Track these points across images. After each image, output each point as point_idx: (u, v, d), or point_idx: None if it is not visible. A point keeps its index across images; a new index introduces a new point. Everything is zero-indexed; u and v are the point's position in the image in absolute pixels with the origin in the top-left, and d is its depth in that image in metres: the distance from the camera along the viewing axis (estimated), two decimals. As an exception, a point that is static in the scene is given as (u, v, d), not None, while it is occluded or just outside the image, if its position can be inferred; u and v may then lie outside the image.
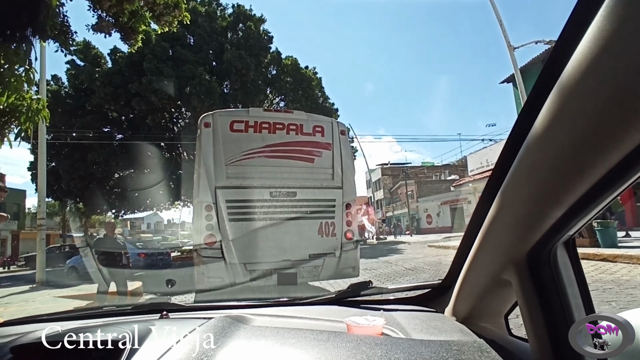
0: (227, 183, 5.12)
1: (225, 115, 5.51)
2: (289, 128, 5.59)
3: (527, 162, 0.59)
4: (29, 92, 4.37)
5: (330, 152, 5.73)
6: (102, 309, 1.45)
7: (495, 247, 0.82)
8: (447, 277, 1.19)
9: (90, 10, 4.93)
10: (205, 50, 18.74)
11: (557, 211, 0.60)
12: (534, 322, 0.74)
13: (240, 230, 5.00)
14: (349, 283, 4.83)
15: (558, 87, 0.48)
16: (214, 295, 4.95)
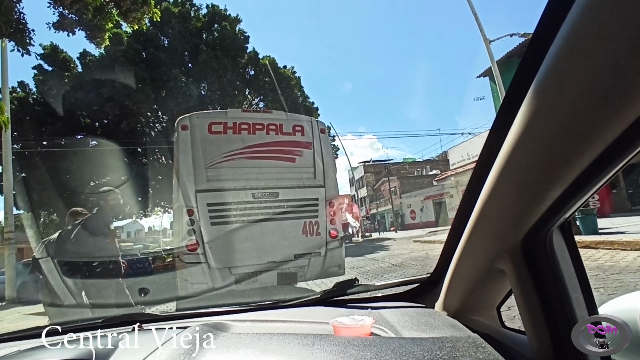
0: (208, 186, 5.04)
1: (202, 117, 5.42)
2: (268, 128, 5.56)
3: (521, 140, 0.54)
4: (-16, 96, 4.10)
5: (311, 151, 5.73)
6: (68, 324, 1.31)
7: (487, 236, 0.77)
8: (436, 270, 1.13)
9: (51, 8, 4.66)
10: (180, 51, 18.36)
11: (555, 191, 0.56)
12: (531, 312, 0.70)
13: (223, 234, 4.94)
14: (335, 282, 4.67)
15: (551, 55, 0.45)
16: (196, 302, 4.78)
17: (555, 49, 0.44)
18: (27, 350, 0.81)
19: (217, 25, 19.50)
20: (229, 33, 19.21)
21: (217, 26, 19.50)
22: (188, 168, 5.04)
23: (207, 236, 4.86)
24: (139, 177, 18.47)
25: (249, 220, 5.14)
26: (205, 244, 4.84)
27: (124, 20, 5.51)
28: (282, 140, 5.61)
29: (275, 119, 5.74)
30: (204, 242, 4.84)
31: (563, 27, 0.42)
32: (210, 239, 4.87)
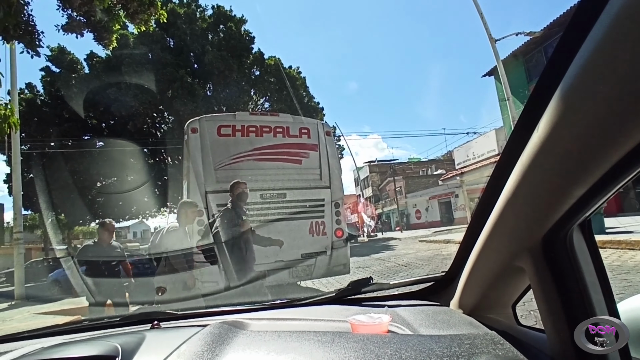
0: (217, 187, 5.17)
1: (212, 120, 5.60)
2: (275, 131, 5.74)
3: (548, 139, 0.54)
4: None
5: (317, 153, 5.91)
6: (88, 323, 1.35)
7: (508, 234, 0.77)
8: (451, 268, 1.13)
9: (60, 10, 4.70)
10: (186, 52, 18.43)
11: (580, 190, 0.56)
12: (551, 310, 0.70)
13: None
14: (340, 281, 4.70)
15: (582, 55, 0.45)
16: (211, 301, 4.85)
17: (587, 49, 0.44)
18: (52, 347, 0.81)
19: (223, 26, 19.56)
20: (235, 33, 19.26)
21: (222, 27, 19.56)
22: (198, 170, 5.18)
23: (217, 236, 4.86)
24: (146, 177, 18.59)
25: (258, 221, 5.25)
26: (216, 243, 4.94)
27: (131, 21, 5.56)
28: (288, 142, 5.78)
29: (282, 121, 5.92)
30: (214, 241, 4.94)
31: (595, 28, 0.42)
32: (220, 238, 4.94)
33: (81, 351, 0.74)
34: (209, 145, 5.31)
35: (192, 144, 5.29)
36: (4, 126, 4.21)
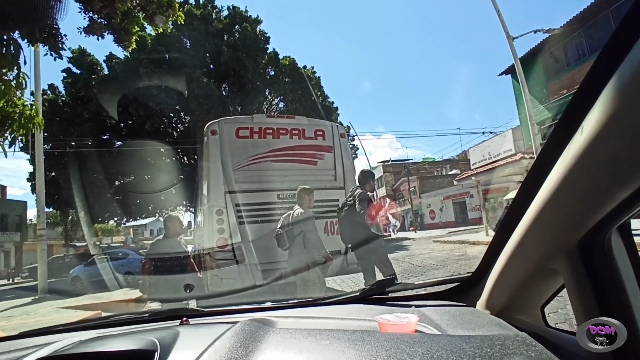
0: (236, 188, 5.33)
1: (230, 123, 5.75)
2: (292, 133, 5.87)
3: (594, 139, 0.52)
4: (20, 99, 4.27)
5: (332, 155, 6.02)
6: (118, 318, 1.40)
7: (544, 235, 0.75)
8: (478, 269, 1.12)
9: (82, 13, 4.82)
10: (202, 53, 18.64)
11: (623, 192, 0.55)
12: (587, 313, 0.69)
13: (250, 233, 5.22)
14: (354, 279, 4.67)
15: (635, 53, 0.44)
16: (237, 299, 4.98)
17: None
18: (89, 340, 0.83)
19: (238, 27, 19.71)
20: (250, 34, 19.39)
21: (238, 27, 19.71)
22: (217, 171, 5.31)
23: (235, 234, 5.11)
24: (163, 176, 18.89)
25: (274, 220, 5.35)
26: (234, 242, 5.08)
27: (150, 23, 5.65)
28: (304, 144, 5.89)
29: (298, 124, 6.03)
30: (233, 240, 5.08)
31: None
32: (238, 237, 5.11)
33: (120, 345, 0.76)
34: (228, 146, 5.44)
35: (212, 145, 5.42)
36: (30, 126, 4.33)
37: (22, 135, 4.32)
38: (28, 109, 4.33)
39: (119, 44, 5.49)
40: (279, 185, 5.52)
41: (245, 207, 5.28)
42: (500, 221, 0.91)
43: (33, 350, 0.85)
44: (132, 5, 4.89)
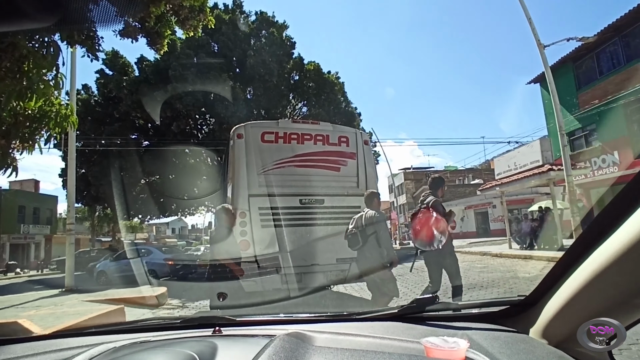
0: (260, 191, 5.39)
1: (256, 127, 5.85)
2: (316, 139, 5.91)
3: None
4: (57, 98, 4.45)
5: (355, 161, 6.04)
6: (150, 323, 1.40)
7: (630, 263, 0.67)
8: (535, 293, 1.03)
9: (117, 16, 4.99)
10: (229, 57, 18.98)
11: None
12: None
13: (272, 236, 5.25)
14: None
15: None
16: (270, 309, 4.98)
17: None
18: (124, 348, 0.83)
19: (265, 32, 20.00)
20: (276, 39, 19.63)
21: (264, 32, 20.00)
22: (242, 174, 5.39)
23: (258, 237, 5.15)
24: (186, 177, 19.27)
25: (296, 225, 5.39)
26: (256, 244, 5.11)
27: (181, 27, 5.78)
28: (328, 150, 5.91)
29: (322, 130, 6.06)
30: (255, 243, 5.12)
31: None
32: (260, 240, 5.15)
33: (158, 358, 0.75)
34: (253, 150, 5.51)
35: (237, 149, 5.51)
36: (64, 125, 4.50)
37: (57, 134, 4.49)
38: (64, 108, 4.51)
39: (152, 46, 5.65)
40: (302, 190, 5.54)
41: (268, 210, 5.32)
42: (574, 243, 0.83)
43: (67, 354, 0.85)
44: (165, 9, 5.02)
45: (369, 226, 4.28)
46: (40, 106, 4.15)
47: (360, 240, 4.30)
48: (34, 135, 4.54)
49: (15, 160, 4.69)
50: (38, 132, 4.54)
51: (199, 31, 6.25)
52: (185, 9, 5.23)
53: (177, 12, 5.33)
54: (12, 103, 3.70)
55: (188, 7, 5.14)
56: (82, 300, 7.01)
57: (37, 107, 4.07)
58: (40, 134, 4.56)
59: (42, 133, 4.54)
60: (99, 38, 4.63)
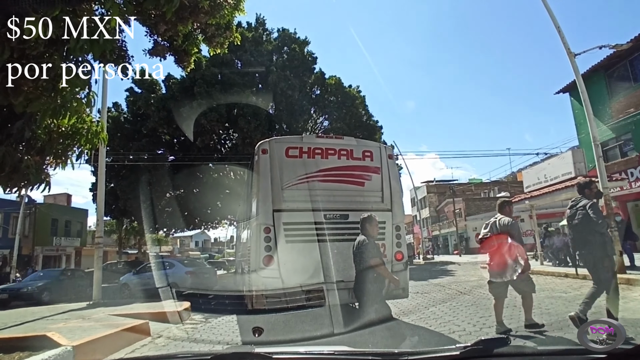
0: (284, 206, 5.36)
1: (281, 142, 5.87)
2: (340, 153, 5.86)
3: None
4: (89, 116, 4.59)
5: (379, 176, 5.94)
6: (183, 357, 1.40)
7: None
8: None
9: (147, 36, 5.15)
10: (252, 73, 19.40)
11: None
12: None
13: (296, 252, 5.20)
14: (397, 305, 4.34)
15: None
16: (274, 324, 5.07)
17: None
18: None
19: (287, 48, 20.38)
20: (298, 55, 19.96)
21: (286, 48, 20.38)
22: (267, 189, 5.37)
23: (282, 253, 5.09)
24: (210, 191, 19.58)
25: (321, 240, 5.28)
26: (280, 260, 5.05)
27: (208, 45, 5.90)
28: (352, 165, 5.84)
29: (346, 144, 6.01)
30: (279, 258, 5.06)
31: None
32: (285, 255, 5.09)
33: None
34: (277, 165, 5.50)
35: (262, 164, 5.51)
36: (95, 141, 4.63)
37: (88, 150, 4.62)
38: (95, 125, 4.65)
39: (179, 64, 5.79)
40: (326, 205, 5.47)
41: (293, 225, 5.27)
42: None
43: None
44: (192, 28, 5.14)
45: (504, 232, 4.59)
46: (73, 123, 4.28)
47: None
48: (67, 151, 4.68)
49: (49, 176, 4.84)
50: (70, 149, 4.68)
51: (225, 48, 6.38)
52: (212, 26, 5.34)
53: (204, 30, 5.45)
54: (46, 121, 3.83)
55: (215, 25, 5.24)
56: (109, 315, 7.10)
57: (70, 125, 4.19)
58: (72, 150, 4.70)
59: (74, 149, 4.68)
60: (130, 57, 4.78)
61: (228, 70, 18.63)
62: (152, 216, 19.53)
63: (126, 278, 14.13)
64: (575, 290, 7.84)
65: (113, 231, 36.02)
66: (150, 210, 18.80)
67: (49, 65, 3.32)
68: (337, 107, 20.01)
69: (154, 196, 18.99)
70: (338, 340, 4.35)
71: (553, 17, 10.42)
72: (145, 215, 18.27)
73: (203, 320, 7.17)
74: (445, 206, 42.43)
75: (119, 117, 20.37)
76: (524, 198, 15.92)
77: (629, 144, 15.68)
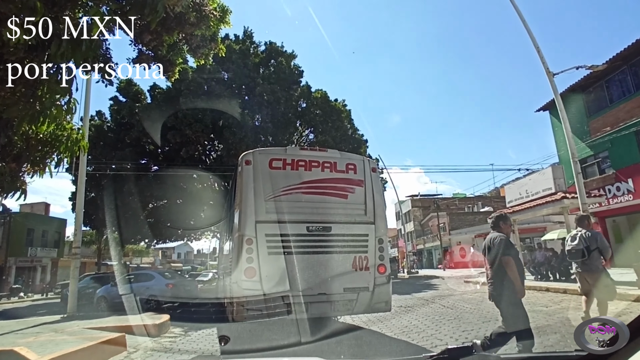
0: (267, 218, 5.33)
1: (264, 154, 5.86)
2: (323, 166, 5.89)
3: None
4: (70, 123, 4.51)
5: (363, 189, 5.97)
6: None
7: None
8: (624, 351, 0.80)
9: (132, 45, 5.13)
10: (238, 84, 19.45)
11: None
12: None
13: (278, 264, 5.15)
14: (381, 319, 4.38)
15: None
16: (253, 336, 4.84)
17: None
18: None
19: (274, 61, 20.55)
20: (285, 68, 20.13)
21: (273, 61, 20.55)
22: (249, 200, 5.35)
23: (264, 264, 5.04)
24: (193, 202, 19.30)
25: (303, 252, 5.27)
26: (262, 272, 5.00)
27: (193, 55, 5.92)
28: (335, 177, 5.87)
29: (330, 157, 6.05)
30: (261, 270, 5.00)
31: None
32: (267, 267, 5.04)
33: None
34: (261, 177, 5.49)
35: (245, 175, 5.49)
36: (75, 149, 4.54)
37: (67, 157, 4.53)
38: (75, 132, 4.57)
39: (164, 74, 5.78)
40: (310, 217, 5.47)
41: (276, 237, 5.24)
42: None
43: None
44: (177, 38, 5.15)
45: (591, 242, 5.32)
46: (53, 130, 4.20)
47: (586, 254, 5.32)
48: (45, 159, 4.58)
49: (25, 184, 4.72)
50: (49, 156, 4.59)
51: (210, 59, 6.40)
52: (197, 38, 5.37)
53: (189, 41, 5.47)
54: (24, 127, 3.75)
55: (200, 36, 5.27)
56: (83, 328, 6.85)
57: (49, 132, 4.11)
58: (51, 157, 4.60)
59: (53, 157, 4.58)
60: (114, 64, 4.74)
61: (214, 82, 18.63)
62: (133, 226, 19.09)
63: (103, 290, 13.67)
64: (556, 304, 7.96)
65: (92, 242, 35.02)
66: (131, 220, 18.40)
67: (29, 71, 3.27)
68: (323, 120, 20.15)
69: (136, 206, 18.61)
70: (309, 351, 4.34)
71: (533, 38, 10.85)
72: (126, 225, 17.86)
73: (182, 332, 7.00)
74: (430, 220, 42.82)
75: (102, 126, 20.04)
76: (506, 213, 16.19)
77: (607, 162, 16.22)
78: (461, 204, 46.33)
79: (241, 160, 5.67)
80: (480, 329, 5.67)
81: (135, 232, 20.47)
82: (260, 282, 4.96)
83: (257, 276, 4.97)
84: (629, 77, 15.02)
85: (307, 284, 5.10)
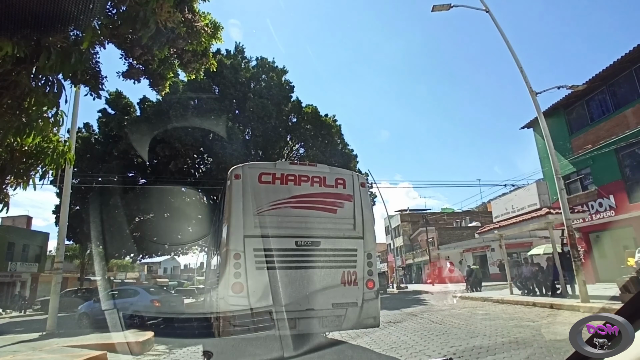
0: (255, 232, 5.30)
1: (254, 168, 5.86)
2: (313, 180, 5.90)
3: None
4: (56, 135, 4.47)
5: (352, 204, 5.99)
6: None
7: None
8: None
9: (122, 59, 5.16)
10: (229, 99, 19.51)
11: None
12: None
13: (266, 279, 5.10)
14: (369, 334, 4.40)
15: None
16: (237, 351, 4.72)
17: None
18: None
19: (265, 76, 20.74)
20: (276, 83, 20.33)
21: (264, 77, 20.73)
22: (238, 214, 5.32)
23: (252, 280, 5.00)
24: (181, 216, 19.06)
25: (292, 267, 5.24)
26: (250, 287, 4.95)
27: (184, 70, 5.96)
28: (325, 192, 5.88)
29: (319, 171, 6.07)
30: (249, 285, 4.96)
31: None
32: (255, 282, 5.00)
33: None
34: (250, 191, 5.48)
35: (234, 189, 5.47)
36: (61, 161, 4.48)
37: (52, 170, 4.46)
38: (62, 145, 4.52)
39: (154, 88, 5.80)
40: (298, 231, 5.45)
41: (264, 252, 5.19)
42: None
43: None
44: (169, 53, 5.19)
45: None
46: (38, 142, 4.15)
47: None
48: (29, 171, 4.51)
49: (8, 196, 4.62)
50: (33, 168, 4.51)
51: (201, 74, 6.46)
52: (189, 53, 5.43)
53: (180, 56, 5.53)
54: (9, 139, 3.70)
55: (191, 52, 5.32)
56: (63, 346, 6.62)
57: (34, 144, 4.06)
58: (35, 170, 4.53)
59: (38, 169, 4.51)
60: (103, 78, 4.75)
61: (205, 95, 18.67)
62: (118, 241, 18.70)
63: (85, 307, 13.25)
64: (543, 319, 8.01)
65: (76, 256, 34.09)
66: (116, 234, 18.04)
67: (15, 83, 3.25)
68: (313, 135, 20.29)
69: (122, 220, 18.27)
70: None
71: (516, 59, 11.20)
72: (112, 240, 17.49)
73: (166, 350, 6.81)
74: (419, 235, 43.00)
75: (90, 138, 19.83)
76: (493, 228, 16.37)
77: (589, 178, 16.60)
78: (449, 218, 46.70)
79: (230, 174, 5.65)
80: (468, 344, 5.68)
81: (120, 246, 20.05)
82: (248, 298, 4.89)
83: (244, 291, 4.91)
84: (607, 97, 15.56)
85: (294, 300, 5.05)
